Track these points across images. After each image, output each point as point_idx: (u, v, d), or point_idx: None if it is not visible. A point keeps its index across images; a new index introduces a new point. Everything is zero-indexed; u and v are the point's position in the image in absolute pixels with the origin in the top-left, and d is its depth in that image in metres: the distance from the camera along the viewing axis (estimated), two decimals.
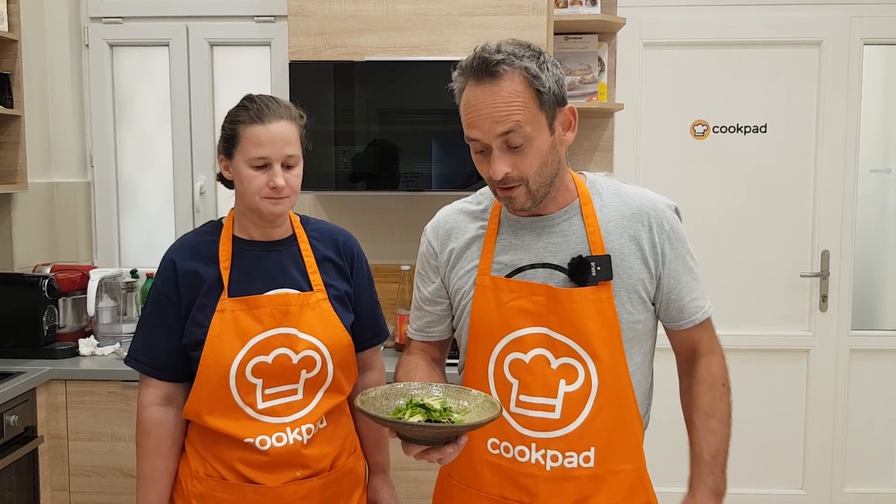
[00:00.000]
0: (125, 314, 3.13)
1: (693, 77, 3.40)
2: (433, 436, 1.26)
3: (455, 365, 1.62)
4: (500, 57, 1.34)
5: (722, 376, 1.53)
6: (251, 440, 1.63)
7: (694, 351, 1.54)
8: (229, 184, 1.77)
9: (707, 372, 1.52)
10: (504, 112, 1.33)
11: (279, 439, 1.64)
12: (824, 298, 3.43)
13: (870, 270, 3.54)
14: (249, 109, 1.63)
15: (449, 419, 1.28)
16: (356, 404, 1.31)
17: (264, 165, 1.62)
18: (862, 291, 3.50)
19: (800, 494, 3.50)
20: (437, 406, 1.31)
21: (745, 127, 3.41)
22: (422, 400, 1.33)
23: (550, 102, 1.37)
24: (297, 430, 1.65)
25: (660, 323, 1.55)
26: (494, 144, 1.35)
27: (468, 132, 1.39)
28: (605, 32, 3.15)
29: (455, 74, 1.42)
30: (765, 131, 3.40)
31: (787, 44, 3.36)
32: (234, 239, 1.72)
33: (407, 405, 1.33)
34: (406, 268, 3.02)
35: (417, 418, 1.28)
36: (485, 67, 1.34)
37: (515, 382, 1.45)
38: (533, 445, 1.44)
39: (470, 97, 1.37)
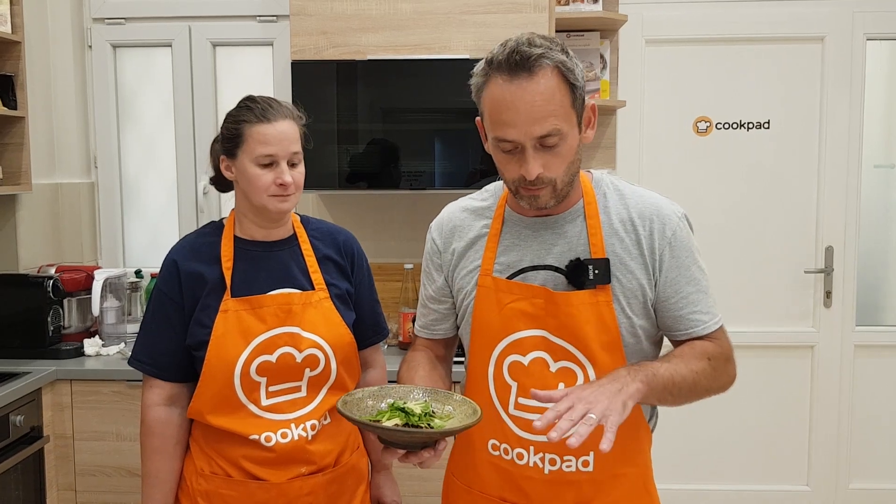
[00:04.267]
0: (130, 314, 3.14)
1: (695, 73, 3.39)
2: (406, 441, 1.24)
3: (462, 363, 1.62)
4: (538, 51, 1.28)
5: (714, 356, 1.40)
6: (256, 437, 1.63)
7: None
8: (224, 187, 1.78)
9: (700, 344, 1.42)
10: (543, 112, 1.28)
11: (284, 436, 1.64)
12: (828, 294, 3.43)
13: (874, 266, 3.53)
14: (253, 109, 1.65)
15: (428, 424, 1.26)
16: (337, 405, 1.30)
17: (271, 163, 1.63)
18: (866, 287, 3.49)
19: (805, 491, 3.50)
20: (418, 410, 1.29)
21: (748, 123, 3.40)
22: (403, 404, 1.32)
23: (580, 99, 1.34)
24: (302, 426, 1.66)
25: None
26: (529, 144, 1.30)
27: (500, 132, 1.31)
28: (606, 29, 3.15)
29: (479, 69, 1.35)
30: (768, 127, 3.40)
31: (790, 40, 3.36)
32: (236, 239, 1.72)
33: (389, 408, 1.31)
34: (409, 266, 3.02)
35: (395, 422, 1.26)
36: (523, 62, 1.28)
37: (514, 385, 1.43)
38: (531, 448, 1.43)
39: (504, 94, 1.29)
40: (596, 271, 1.38)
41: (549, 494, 1.44)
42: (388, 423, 1.25)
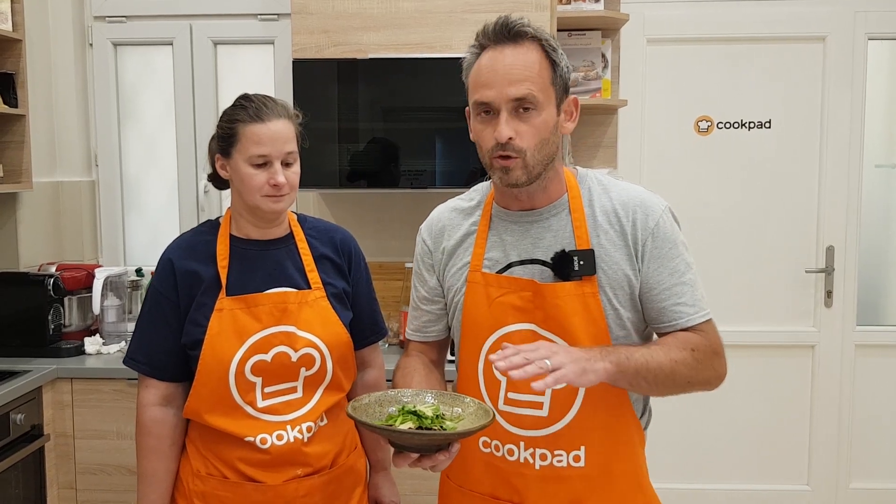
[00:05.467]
0: (130, 313, 3.14)
1: (697, 73, 3.39)
2: (423, 443, 1.24)
3: (454, 362, 1.62)
4: (523, 23, 1.38)
5: (699, 348, 1.38)
6: (252, 439, 1.63)
7: None
8: (222, 184, 1.78)
9: (684, 335, 1.41)
10: (521, 75, 1.35)
11: (280, 437, 1.64)
12: (829, 294, 3.43)
13: (875, 266, 3.53)
14: (247, 108, 1.64)
15: (441, 426, 1.27)
16: (347, 411, 1.30)
17: (264, 163, 1.63)
18: (867, 287, 3.49)
19: (805, 490, 3.50)
20: (430, 413, 1.29)
21: (750, 123, 3.40)
22: (414, 407, 1.32)
23: (561, 83, 1.40)
24: (298, 427, 1.66)
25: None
26: (504, 107, 1.35)
27: (479, 93, 1.37)
28: (608, 29, 3.15)
29: (470, 46, 1.42)
30: (769, 127, 3.39)
31: (791, 39, 3.35)
32: (232, 238, 1.72)
33: (399, 412, 1.31)
34: (410, 265, 3.01)
35: (409, 425, 1.26)
36: (507, 31, 1.37)
37: (504, 380, 1.44)
38: (521, 444, 1.44)
39: (486, 60, 1.38)
40: (581, 262, 1.39)
41: (541, 491, 1.44)
42: (403, 427, 1.25)
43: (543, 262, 1.43)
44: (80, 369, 2.72)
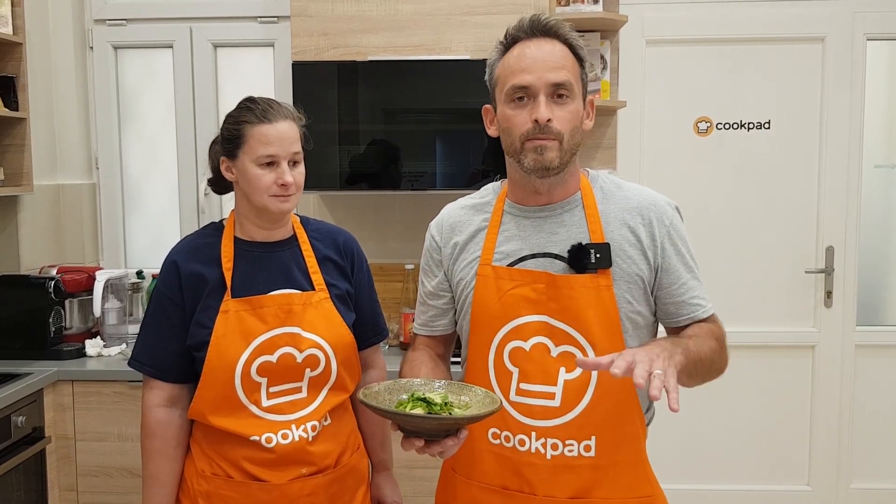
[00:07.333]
0: (131, 315, 3.15)
1: (696, 74, 3.39)
2: (433, 427, 1.27)
3: (459, 363, 1.63)
4: (557, 20, 1.45)
5: (719, 338, 1.46)
6: (257, 438, 1.63)
7: None
8: (222, 189, 1.79)
9: (706, 326, 1.47)
10: (559, 63, 1.42)
11: (284, 436, 1.65)
12: (829, 294, 3.43)
13: (874, 266, 3.53)
14: (254, 110, 1.65)
15: (449, 412, 1.30)
16: (359, 397, 1.33)
17: (271, 163, 1.64)
18: (867, 287, 3.49)
19: (806, 491, 3.50)
20: (439, 400, 1.33)
21: (749, 123, 3.40)
22: (423, 394, 1.35)
23: (585, 80, 1.47)
24: (303, 427, 1.66)
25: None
26: (543, 92, 1.40)
27: (516, 78, 1.41)
28: (607, 30, 3.15)
29: (495, 47, 1.48)
30: (768, 128, 3.40)
31: (791, 40, 3.36)
32: (236, 240, 1.73)
33: (409, 399, 1.34)
34: (410, 267, 3.03)
35: (418, 411, 1.29)
36: (541, 27, 1.44)
37: (515, 371, 1.46)
38: (533, 434, 1.45)
39: (523, 49, 1.43)
40: (597, 255, 1.43)
41: (551, 481, 1.46)
42: (414, 412, 1.29)
43: (557, 256, 1.46)
44: (80, 371, 2.72)
